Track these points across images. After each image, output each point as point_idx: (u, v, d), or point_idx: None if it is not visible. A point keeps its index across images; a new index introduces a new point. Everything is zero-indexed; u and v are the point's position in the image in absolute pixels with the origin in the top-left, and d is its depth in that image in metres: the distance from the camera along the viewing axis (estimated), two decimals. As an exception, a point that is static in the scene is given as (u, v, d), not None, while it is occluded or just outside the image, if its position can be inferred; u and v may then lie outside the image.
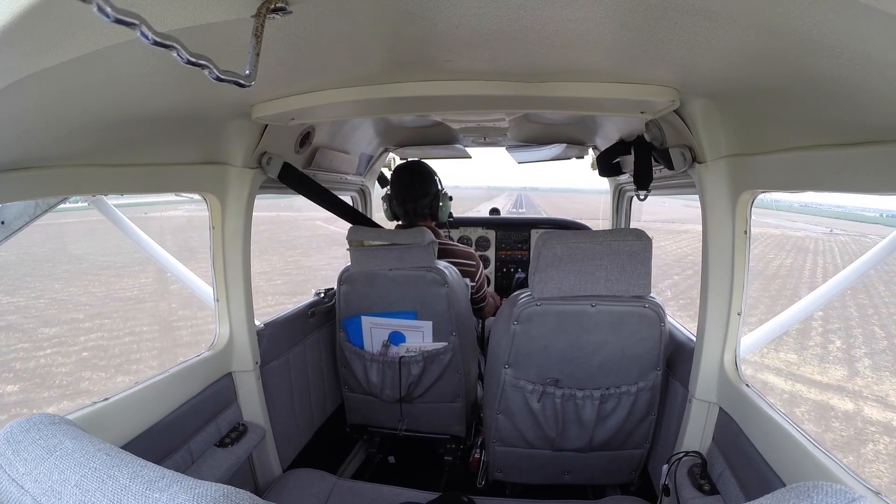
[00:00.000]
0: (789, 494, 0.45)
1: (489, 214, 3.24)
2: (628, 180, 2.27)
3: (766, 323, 1.43)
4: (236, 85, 0.50)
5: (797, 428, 0.98)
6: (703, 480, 1.20)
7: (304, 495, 1.43)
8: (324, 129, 1.76)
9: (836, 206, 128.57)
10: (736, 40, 0.64)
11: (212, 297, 1.48)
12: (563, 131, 2.23)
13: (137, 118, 0.94)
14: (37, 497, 0.47)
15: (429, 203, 1.90)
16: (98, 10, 0.35)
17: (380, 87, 1.02)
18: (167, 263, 1.64)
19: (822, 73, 0.63)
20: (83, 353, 7.89)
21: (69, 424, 0.57)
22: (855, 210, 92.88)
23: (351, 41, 0.74)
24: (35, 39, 0.50)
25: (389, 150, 2.63)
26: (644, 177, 1.51)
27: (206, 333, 8.58)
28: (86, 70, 0.62)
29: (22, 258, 15.17)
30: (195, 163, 1.29)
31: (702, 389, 1.30)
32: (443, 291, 1.66)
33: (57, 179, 0.95)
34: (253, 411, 1.54)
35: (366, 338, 1.80)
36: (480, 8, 0.60)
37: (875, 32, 0.48)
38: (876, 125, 0.70)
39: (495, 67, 0.90)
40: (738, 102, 0.97)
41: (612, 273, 1.29)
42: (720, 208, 1.19)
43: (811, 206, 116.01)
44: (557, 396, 1.42)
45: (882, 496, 0.78)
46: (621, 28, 0.66)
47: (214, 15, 0.53)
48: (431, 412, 1.89)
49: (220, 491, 0.47)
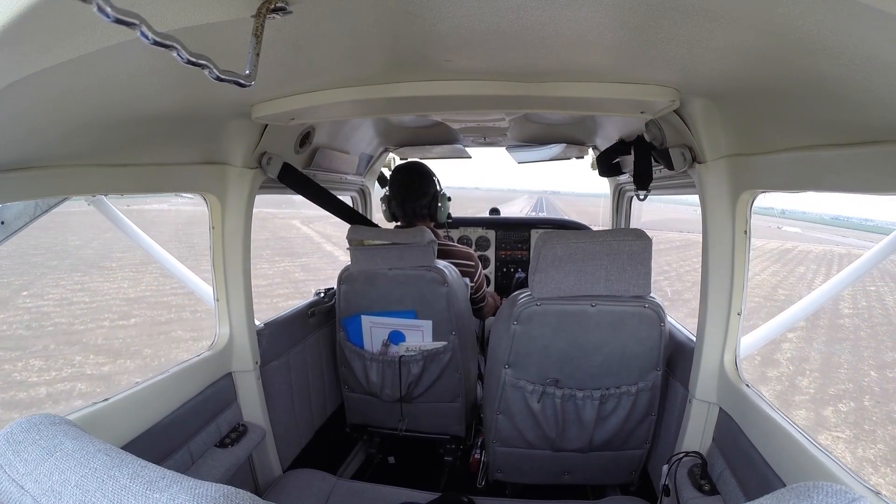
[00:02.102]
0: (789, 494, 0.45)
1: (489, 214, 3.24)
2: (628, 180, 2.27)
3: (766, 323, 1.43)
4: (236, 85, 0.50)
5: (797, 428, 0.98)
6: (703, 481, 1.20)
7: (304, 495, 1.43)
8: (324, 129, 1.76)
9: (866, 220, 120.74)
10: (736, 40, 0.64)
11: (212, 297, 1.48)
12: (563, 131, 2.23)
13: (137, 118, 0.94)
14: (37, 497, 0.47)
15: (427, 203, 1.90)
16: (98, 10, 0.35)
17: (380, 87, 1.02)
18: (167, 263, 1.64)
19: (822, 73, 0.63)
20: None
21: (69, 425, 0.57)
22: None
23: (351, 41, 0.74)
24: (35, 39, 0.50)
25: (389, 150, 2.63)
26: (644, 177, 1.51)
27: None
28: (86, 70, 0.62)
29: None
30: (195, 163, 1.29)
31: (702, 389, 1.30)
32: (442, 291, 1.66)
33: (57, 179, 0.95)
34: (253, 411, 1.54)
35: (366, 337, 1.80)
36: (480, 8, 0.60)
37: (875, 32, 0.48)
38: (876, 125, 0.70)
39: (495, 67, 0.90)
40: (738, 102, 0.97)
41: (612, 273, 1.29)
42: (720, 208, 1.19)
43: (841, 218, 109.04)
44: (557, 396, 1.42)
45: (882, 496, 0.78)
46: (621, 28, 0.66)
47: (214, 15, 0.53)
48: (431, 412, 1.89)
49: (220, 491, 0.47)
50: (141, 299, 9.35)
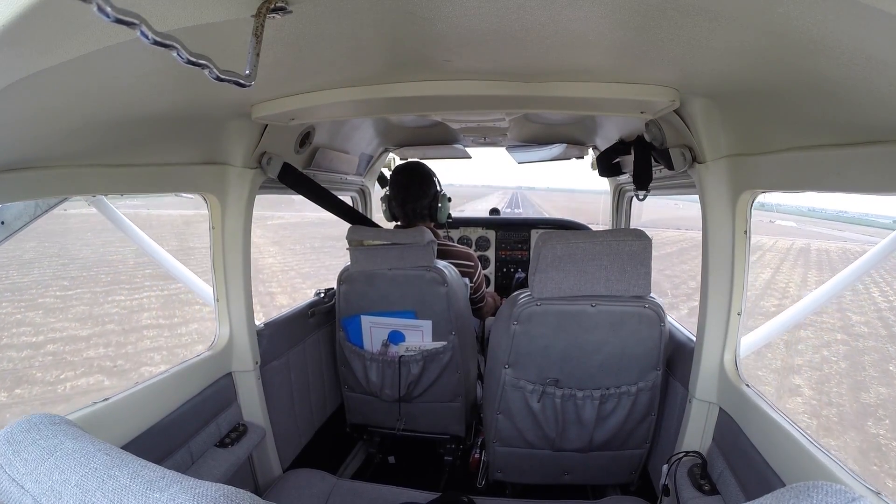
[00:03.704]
0: (789, 494, 0.45)
1: (489, 214, 3.23)
2: (628, 180, 2.27)
3: (766, 323, 1.43)
4: (236, 85, 0.50)
5: (797, 428, 0.98)
6: (703, 480, 1.20)
7: (304, 495, 1.43)
8: (324, 129, 1.76)
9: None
10: (736, 40, 0.64)
11: (212, 297, 1.48)
12: (563, 131, 2.23)
13: (137, 118, 0.94)
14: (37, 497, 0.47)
15: (427, 204, 1.90)
16: (98, 10, 0.35)
17: (380, 87, 1.02)
18: (167, 263, 1.65)
19: (822, 73, 0.63)
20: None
21: (69, 424, 0.57)
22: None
23: (351, 41, 0.74)
24: (35, 39, 0.50)
25: (389, 150, 2.63)
26: (644, 177, 1.51)
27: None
28: (86, 70, 0.62)
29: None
30: (195, 163, 1.29)
31: (702, 389, 1.30)
32: (442, 291, 1.66)
33: (57, 179, 0.95)
34: (253, 411, 1.54)
35: (365, 337, 1.80)
36: (480, 8, 0.60)
37: (875, 32, 0.48)
38: (876, 125, 0.70)
39: (495, 67, 0.90)
40: (738, 102, 0.97)
41: (612, 273, 1.29)
42: (720, 208, 1.19)
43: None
44: (557, 396, 1.42)
45: (882, 496, 0.78)
46: (621, 28, 0.66)
47: (214, 15, 0.53)
48: (431, 411, 1.89)
49: (220, 491, 0.47)
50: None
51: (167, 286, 9.96)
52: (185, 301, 9.10)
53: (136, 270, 11.58)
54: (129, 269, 11.94)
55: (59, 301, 9.18)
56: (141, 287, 10.28)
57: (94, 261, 12.92)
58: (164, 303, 9.21)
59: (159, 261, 1.64)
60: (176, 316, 8.49)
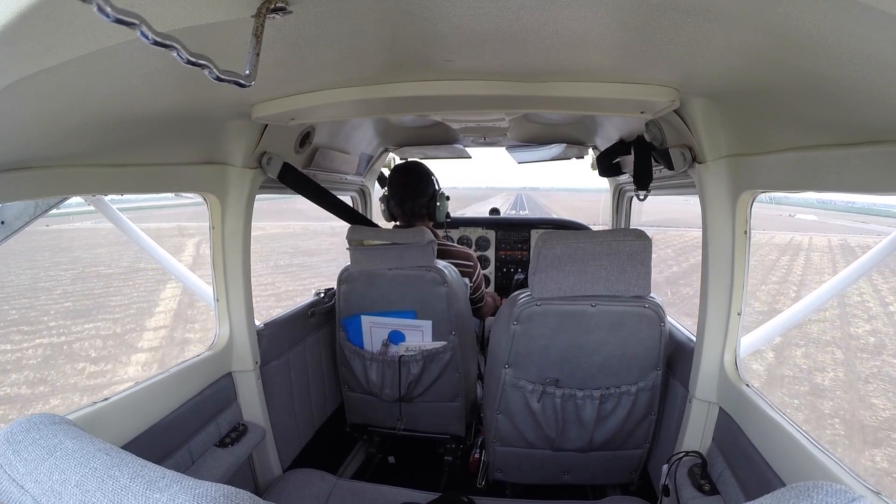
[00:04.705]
0: (789, 494, 0.45)
1: (489, 214, 3.23)
2: (628, 180, 2.27)
3: (766, 323, 1.43)
4: (236, 85, 0.50)
5: (797, 428, 0.98)
6: (704, 480, 1.20)
7: (304, 495, 1.43)
8: (324, 129, 1.76)
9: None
10: (736, 40, 0.64)
11: (212, 297, 1.48)
12: (563, 131, 2.23)
13: (137, 118, 0.94)
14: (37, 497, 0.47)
15: (426, 203, 1.90)
16: (98, 10, 0.35)
17: (380, 87, 1.02)
18: (167, 263, 1.65)
19: (822, 73, 0.63)
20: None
21: (69, 424, 0.57)
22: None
23: (351, 41, 0.74)
24: (35, 39, 0.50)
25: (389, 150, 2.63)
26: (644, 177, 1.51)
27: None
28: (86, 70, 0.62)
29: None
30: (195, 163, 1.29)
31: (702, 389, 1.30)
32: (442, 291, 1.66)
33: (57, 179, 0.95)
34: (253, 411, 1.54)
35: (365, 337, 1.80)
36: (480, 8, 0.60)
37: (875, 32, 0.48)
38: (876, 125, 0.70)
39: (495, 67, 0.90)
40: (738, 102, 0.97)
41: (611, 273, 1.29)
42: (720, 208, 1.19)
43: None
44: (557, 396, 1.42)
45: (882, 496, 0.78)
46: (621, 28, 0.66)
47: (214, 15, 0.53)
48: (431, 411, 1.89)
49: (220, 491, 0.47)
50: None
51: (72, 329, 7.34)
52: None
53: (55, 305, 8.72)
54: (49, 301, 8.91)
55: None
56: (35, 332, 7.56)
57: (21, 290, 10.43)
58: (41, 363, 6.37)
59: (159, 261, 1.64)
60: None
